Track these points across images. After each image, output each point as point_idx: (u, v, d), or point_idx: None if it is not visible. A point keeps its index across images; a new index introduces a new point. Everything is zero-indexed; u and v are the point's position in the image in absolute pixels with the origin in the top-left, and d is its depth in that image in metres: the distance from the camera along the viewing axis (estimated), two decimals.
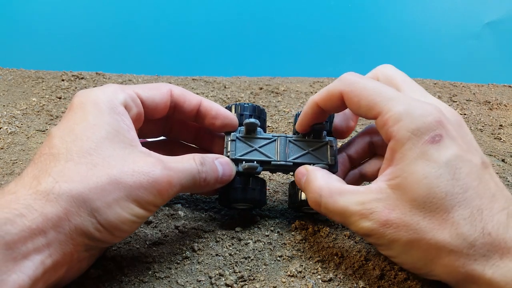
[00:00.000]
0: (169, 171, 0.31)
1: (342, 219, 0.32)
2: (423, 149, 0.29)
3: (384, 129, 0.31)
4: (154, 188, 0.30)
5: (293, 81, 1.05)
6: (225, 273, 0.34)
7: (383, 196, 0.30)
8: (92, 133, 0.29)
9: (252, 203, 0.40)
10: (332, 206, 0.32)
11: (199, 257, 0.37)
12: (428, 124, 0.29)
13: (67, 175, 0.27)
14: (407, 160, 0.29)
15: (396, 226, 0.29)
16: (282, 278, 0.34)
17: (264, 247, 0.38)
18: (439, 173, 0.28)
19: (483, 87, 1.02)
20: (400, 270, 0.35)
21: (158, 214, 0.43)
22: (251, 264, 0.36)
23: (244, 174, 0.39)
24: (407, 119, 0.29)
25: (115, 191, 0.28)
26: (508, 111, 0.84)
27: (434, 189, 0.28)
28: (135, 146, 0.31)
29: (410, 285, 0.34)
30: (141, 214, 0.30)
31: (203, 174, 0.34)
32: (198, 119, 0.40)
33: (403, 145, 0.30)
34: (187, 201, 0.46)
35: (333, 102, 0.35)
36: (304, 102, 0.88)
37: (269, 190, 0.50)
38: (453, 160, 0.28)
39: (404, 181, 0.29)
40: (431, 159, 0.28)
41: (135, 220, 0.29)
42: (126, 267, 0.35)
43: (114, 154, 0.29)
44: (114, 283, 0.33)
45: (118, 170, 0.28)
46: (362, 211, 0.30)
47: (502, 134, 0.71)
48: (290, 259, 0.37)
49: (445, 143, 0.29)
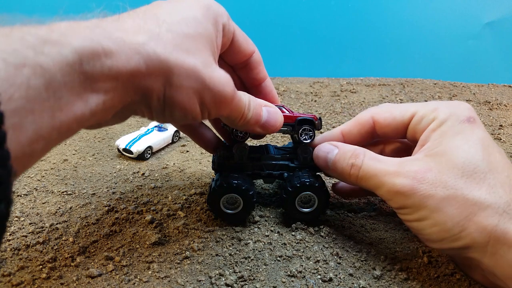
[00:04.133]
0: (234, 90, 0.32)
1: (375, 181, 0.33)
2: (460, 127, 0.33)
3: (421, 124, 0.35)
4: (219, 98, 0.31)
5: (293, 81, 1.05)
6: (225, 273, 0.34)
7: (420, 161, 0.33)
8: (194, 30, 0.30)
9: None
10: (370, 168, 0.34)
11: (199, 257, 0.37)
12: (463, 109, 0.34)
13: (163, 40, 0.27)
14: (445, 135, 0.33)
15: (432, 183, 0.31)
16: (282, 278, 0.34)
17: (264, 247, 0.38)
18: (476, 145, 0.32)
19: (483, 87, 1.02)
20: (400, 270, 0.36)
21: (158, 214, 0.43)
22: (251, 264, 0.36)
23: None
24: (445, 107, 0.35)
25: (194, 79, 0.29)
26: (508, 111, 0.84)
27: (471, 156, 0.31)
28: (215, 60, 0.33)
29: (410, 285, 0.34)
30: (195, 114, 0.31)
31: (247, 112, 0.35)
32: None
33: (442, 124, 0.34)
34: (187, 202, 0.46)
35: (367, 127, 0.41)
36: (304, 102, 0.88)
37: (269, 190, 0.50)
38: (485, 139, 0.33)
39: (443, 150, 0.32)
40: (467, 134, 0.32)
41: (185, 115, 0.30)
42: (126, 267, 0.35)
43: (205, 53, 0.30)
44: (114, 283, 0.33)
45: (202, 63, 0.29)
46: (398, 170, 0.32)
47: (502, 134, 0.71)
48: (290, 259, 0.37)
49: (478, 125, 0.33)
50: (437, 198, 0.30)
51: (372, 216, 0.45)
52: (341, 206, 0.47)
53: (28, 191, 0.48)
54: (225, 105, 0.32)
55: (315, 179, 0.40)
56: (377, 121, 0.39)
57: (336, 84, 1.03)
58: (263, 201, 0.46)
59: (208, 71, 0.30)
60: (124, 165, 0.57)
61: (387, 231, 0.42)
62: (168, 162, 0.58)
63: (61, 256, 0.36)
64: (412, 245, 0.39)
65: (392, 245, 0.39)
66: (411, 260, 0.37)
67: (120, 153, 0.60)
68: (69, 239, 0.39)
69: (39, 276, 0.33)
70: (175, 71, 0.28)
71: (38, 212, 0.44)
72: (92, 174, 0.54)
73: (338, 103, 0.88)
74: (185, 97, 0.29)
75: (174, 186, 0.50)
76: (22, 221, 0.42)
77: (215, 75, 0.30)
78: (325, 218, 0.44)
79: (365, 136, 0.40)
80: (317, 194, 0.40)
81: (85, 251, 0.37)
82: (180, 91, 0.29)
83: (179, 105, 0.29)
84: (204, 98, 0.30)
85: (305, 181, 0.39)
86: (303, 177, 0.40)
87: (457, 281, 0.34)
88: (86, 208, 0.45)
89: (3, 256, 0.36)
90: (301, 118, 0.41)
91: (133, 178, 0.53)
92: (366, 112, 0.40)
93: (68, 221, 0.42)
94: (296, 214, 0.41)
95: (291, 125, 0.41)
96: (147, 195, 0.48)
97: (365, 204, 0.47)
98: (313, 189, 0.39)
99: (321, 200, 0.40)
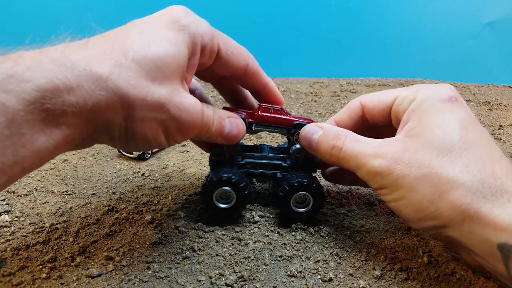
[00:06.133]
0: (202, 115, 0.32)
1: (355, 162, 0.34)
2: (440, 106, 0.33)
3: (402, 104, 0.35)
4: (185, 127, 0.31)
5: (293, 81, 1.05)
6: (225, 273, 0.34)
7: (399, 142, 0.33)
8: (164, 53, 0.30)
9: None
10: (350, 149, 0.35)
11: (199, 257, 0.37)
12: (446, 90, 0.34)
13: (127, 74, 0.27)
14: (425, 114, 0.33)
15: (408, 163, 0.31)
16: (282, 278, 0.34)
17: (264, 247, 0.38)
18: (454, 124, 0.32)
19: (483, 87, 1.02)
20: (400, 270, 0.36)
21: (158, 214, 0.43)
22: (251, 264, 0.36)
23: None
24: (426, 88, 0.35)
25: (157, 111, 0.29)
26: (508, 112, 0.84)
27: (448, 134, 0.31)
28: (184, 84, 0.33)
29: (410, 285, 0.34)
30: (159, 143, 0.31)
31: (211, 126, 0.35)
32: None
33: (423, 103, 0.34)
34: (187, 202, 0.46)
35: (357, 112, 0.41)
36: (304, 102, 0.88)
37: (269, 190, 0.50)
38: (465, 117, 0.32)
39: (421, 129, 0.32)
40: (447, 113, 0.32)
41: (148, 145, 0.31)
42: (126, 267, 0.35)
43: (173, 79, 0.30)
44: (114, 283, 0.33)
45: (168, 94, 0.29)
46: (377, 151, 0.33)
47: (502, 135, 0.71)
48: (290, 259, 0.37)
49: (459, 104, 0.33)
50: (412, 178, 0.31)
51: (372, 216, 0.45)
52: (341, 206, 0.47)
53: (28, 191, 0.48)
54: (192, 131, 0.32)
55: (311, 179, 0.40)
56: (365, 105, 0.40)
57: (336, 84, 1.03)
58: (263, 201, 0.46)
59: (175, 102, 0.30)
60: (124, 165, 0.57)
61: (387, 231, 0.42)
62: (168, 162, 0.58)
63: (61, 256, 0.36)
64: (412, 245, 0.39)
65: (392, 245, 0.39)
66: (411, 260, 0.37)
67: (120, 153, 0.60)
68: (69, 239, 0.39)
69: (39, 276, 0.33)
70: (136, 105, 0.28)
71: (38, 212, 0.44)
72: (92, 174, 0.54)
73: (338, 103, 0.88)
74: (147, 129, 0.29)
75: (174, 186, 0.50)
76: (22, 221, 0.42)
77: (182, 104, 0.30)
78: (325, 218, 0.44)
79: (356, 121, 0.41)
80: (313, 194, 0.40)
81: (85, 251, 0.37)
82: (142, 124, 0.29)
83: (141, 136, 0.29)
84: (169, 128, 0.30)
85: (302, 181, 0.39)
86: (300, 176, 0.40)
87: (457, 280, 0.34)
88: (86, 208, 0.45)
89: (3, 256, 0.36)
90: (296, 123, 0.41)
91: (133, 178, 0.53)
92: (356, 98, 0.42)
93: (68, 221, 0.42)
94: (292, 214, 0.41)
95: (287, 128, 0.42)
96: (147, 195, 0.48)
97: (365, 204, 0.48)
98: (309, 189, 0.40)
99: (316, 200, 0.40)
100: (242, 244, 0.38)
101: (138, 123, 0.29)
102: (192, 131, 0.32)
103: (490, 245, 0.28)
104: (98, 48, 0.27)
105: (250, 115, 0.41)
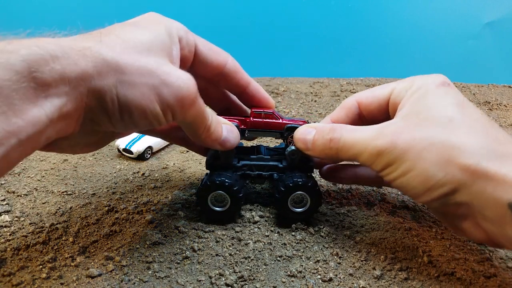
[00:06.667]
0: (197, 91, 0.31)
1: (356, 149, 0.34)
2: (435, 89, 0.34)
3: (400, 95, 0.36)
4: (180, 94, 0.30)
5: (293, 81, 1.05)
6: (225, 273, 0.34)
7: (397, 122, 0.34)
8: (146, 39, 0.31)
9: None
10: (349, 138, 0.35)
11: (199, 257, 0.37)
12: (439, 77, 0.36)
13: (111, 44, 0.28)
14: (420, 97, 0.34)
15: (410, 136, 0.32)
16: (282, 278, 0.35)
17: (264, 247, 0.38)
18: (450, 103, 0.33)
19: (483, 87, 1.02)
20: (400, 270, 0.36)
21: (158, 214, 0.43)
22: (251, 264, 0.36)
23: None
24: (421, 77, 0.36)
25: (148, 76, 0.28)
26: (508, 112, 0.84)
27: (446, 110, 0.32)
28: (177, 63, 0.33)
29: (410, 285, 0.34)
30: (155, 114, 0.29)
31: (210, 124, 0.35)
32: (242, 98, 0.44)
33: (418, 90, 0.35)
34: (187, 202, 0.46)
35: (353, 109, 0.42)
36: (304, 102, 0.88)
37: (269, 190, 0.50)
38: (460, 99, 0.33)
39: (418, 109, 0.33)
40: (442, 95, 0.34)
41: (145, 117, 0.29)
42: (126, 267, 0.35)
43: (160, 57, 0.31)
44: (114, 283, 0.33)
45: (156, 63, 0.29)
46: (377, 134, 0.33)
47: None
48: (290, 259, 0.37)
49: (452, 89, 0.34)
50: (417, 148, 0.31)
51: (372, 216, 0.45)
52: (341, 206, 0.47)
53: (28, 191, 0.48)
54: (189, 105, 0.31)
55: (307, 179, 0.40)
56: (361, 102, 0.40)
57: (336, 84, 1.03)
58: (263, 201, 0.46)
59: (164, 69, 0.29)
60: (124, 165, 0.57)
61: (387, 231, 0.42)
62: (168, 162, 0.58)
63: (61, 256, 0.36)
64: (412, 245, 0.39)
65: (392, 245, 0.39)
66: (411, 260, 0.37)
67: (120, 153, 0.60)
68: (69, 239, 0.39)
69: (39, 276, 0.33)
70: (125, 69, 0.27)
71: (38, 212, 0.44)
72: (92, 174, 0.54)
73: (338, 103, 0.88)
74: (139, 94, 0.28)
75: (174, 186, 0.50)
76: (22, 221, 0.42)
77: (172, 72, 0.30)
78: (325, 218, 0.44)
79: (352, 119, 0.41)
80: (309, 193, 0.40)
81: (85, 251, 0.37)
82: (133, 88, 0.28)
83: (134, 105, 0.28)
84: (163, 94, 0.29)
85: (297, 181, 0.39)
86: (296, 176, 0.40)
87: (457, 280, 0.34)
88: (86, 208, 0.45)
89: (3, 256, 0.36)
90: (289, 126, 0.42)
91: (133, 178, 0.53)
92: (350, 97, 0.42)
93: (68, 221, 0.42)
94: (290, 214, 0.41)
95: (280, 132, 0.42)
96: (147, 195, 0.48)
97: (365, 204, 0.48)
98: (305, 188, 0.40)
99: (314, 199, 0.40)
100: (242, 244, 0.38)
101: (130, 88, 0.28)
102: (189, 105, 0.31)
103: (501, 206, 0.28)
104: (82, 35, 0.28)
105: (242, 122, 0.42)
